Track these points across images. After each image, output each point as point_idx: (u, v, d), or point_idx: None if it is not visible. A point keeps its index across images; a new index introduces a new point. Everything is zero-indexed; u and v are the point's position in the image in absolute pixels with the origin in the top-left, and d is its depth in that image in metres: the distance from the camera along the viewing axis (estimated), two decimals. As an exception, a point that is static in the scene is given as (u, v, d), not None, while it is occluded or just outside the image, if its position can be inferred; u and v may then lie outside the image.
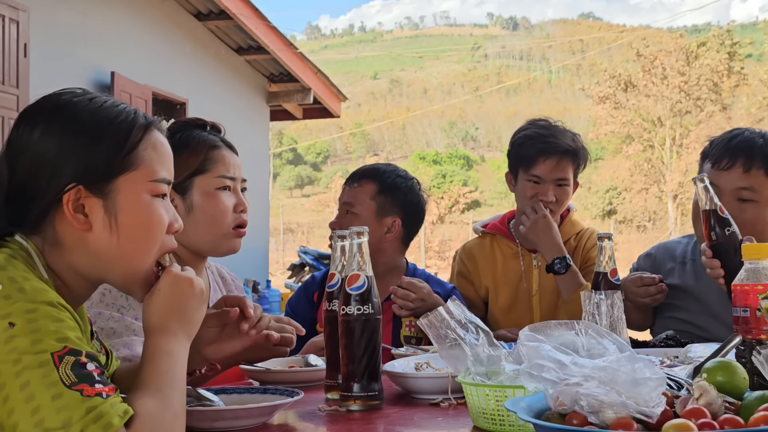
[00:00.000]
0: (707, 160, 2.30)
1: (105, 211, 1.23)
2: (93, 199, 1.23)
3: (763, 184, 2.21)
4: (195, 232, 1.95)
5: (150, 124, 1.31)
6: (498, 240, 2.74)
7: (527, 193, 2.60)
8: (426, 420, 1.48)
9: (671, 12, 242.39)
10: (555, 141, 2.56)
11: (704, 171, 2.27)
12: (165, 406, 1.15)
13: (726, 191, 2.20)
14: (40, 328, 1.08)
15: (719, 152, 2.25)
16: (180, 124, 2.03)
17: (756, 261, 1.38)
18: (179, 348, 1.26)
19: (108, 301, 1.80)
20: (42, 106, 1.28)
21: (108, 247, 1.24)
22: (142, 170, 1.27)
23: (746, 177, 2.21)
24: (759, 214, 2.21)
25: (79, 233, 1.23)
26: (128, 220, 1.25)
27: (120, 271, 1.27)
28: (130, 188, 1.25)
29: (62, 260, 1.25)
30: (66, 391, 1.05)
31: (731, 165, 2.22)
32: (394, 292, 2.32)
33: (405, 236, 2.52)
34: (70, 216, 1.22)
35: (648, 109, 30.02)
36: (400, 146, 67.79)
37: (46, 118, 1.25)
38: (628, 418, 1.00)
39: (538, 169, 2.56)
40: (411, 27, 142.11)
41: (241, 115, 10.68)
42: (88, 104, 1.27)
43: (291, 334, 1.68)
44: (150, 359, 1.23)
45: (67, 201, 1.22)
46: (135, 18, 8.45)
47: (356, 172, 2.57)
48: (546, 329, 1.27)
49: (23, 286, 1.12)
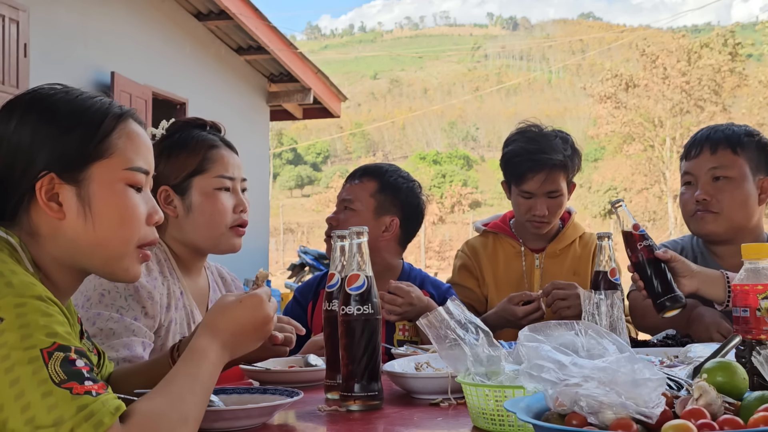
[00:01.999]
0: (682, 159, 2.48)
1: (78, 198, 1.24)
2: (66, 186, 1.24)
3: (732, 161, 2.35)
4: (194, 232, 1.95)
5: (124, 114, 1.32)
6: (500, 239, 2.74)
7: (521, 208, 2.61)
8: (426, 420, 1.48)
9: (673, 12, 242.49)
10: (542, 157, 2.55)
11: (681, 169, 2.46)
12: (173, 407, 1.14)
13: (701, 176, 2.37)
14: (30, 322, 1.08)
15: (688, 145, 2.45)
16: (179, 123, 2.04)
17: (756, 261, 1.38)
18: (217, 358, 1.27)
19: (107, 301, 1.80)
20: (20, 98, 1.30)
21: (84, 234, 1.25)
22: (115, 158, 1.27)
23: (714, 158, 2.36)
24: (735, 187, 2.35)
25: (54, 222, 1.24)
26: (102, 208, 1.25)
27: (99, 258, 1.28)
28: (104, 176, 1.26)
29: (42, 251, 1.25)
30: (55, 389, 1.04)
31: (699, 151, 2.39)
32: (381, 297, 2.31)
33: (402, 237, 2.51)
34: (44, 204, 1.23)
35: (648, 109, 30.01)
36: (400, 146, 67.80)
37: (23, 110, 1.27)
38: (628, 418, 1.00)
39: (527, 185, 2.56)
40: (411, 27, 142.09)
41: (241, 115, 10.68)
42: (64, 96, 1.29)
43: (291, 333, 1.68)
44: (184, 359, 1.24)
45: (40, 188, 1.23)
46: (135, 18, 8.45)
47: (358, 169, 2.56)
48: (546, 329, 1.26)
49: (11, 280, 1.11)
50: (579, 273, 2.66)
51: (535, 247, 2.71)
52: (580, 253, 2.70)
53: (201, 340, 1.27)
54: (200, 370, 1.23)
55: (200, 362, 1.24)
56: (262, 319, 1.33)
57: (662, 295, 1.98)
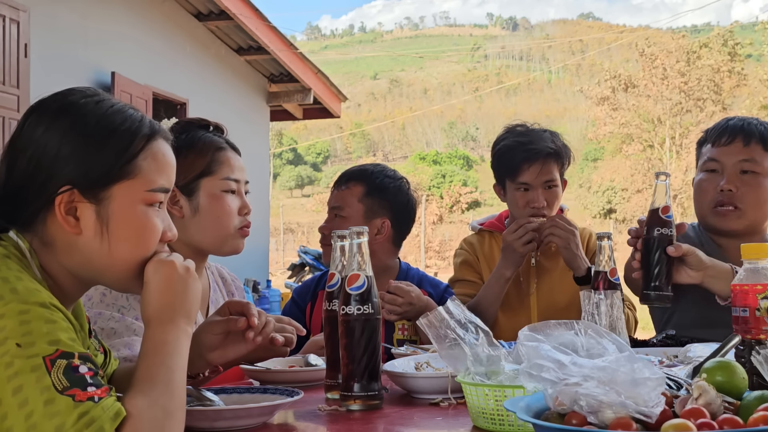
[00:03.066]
0: (706, 144, 2.42)
1: (97, 216, 1.23)
2: (86, 203, 1.22)
3: (762, 156, 2.34)
4: (199, 233, 1.95)
5: (154, 134, 1.29)
6: (496, 237, 2.74)
7: (519, 202, 2.60)
8: (426, 420, 1.48)
9: (673, 12, 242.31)
10: (536, 146, 2.56)
11: (704, 154, 2.41)
12: (155, 404, 1.13)
13: (728, 165, 2.33)
14: (33, 330, 1.08)
15: (719, 131, 2.39)
16: (183, 124, 2.03)
17: (755, 261, 1.38)
18: (179, 334, 1.24)
19: (108, 301, 1.81)
20: (49, 105, 1.27)
21: (99, 253, 1.24)
22: (139, 180, 1.25)
23: (746, 150, 2.33)
24: (760, 183, 2.33)
25: (70, 236, 1.23)
26: (120, 229, 1.24)
27: (111, 276, 1.27)
28: (125, 197, 1.24)
29: (54, 260, 1.25)
30: (58, 397, 1.05)
31: (731, 140, 2.35)
32: (381, 297, 2.31)
33: (396, 237, 2.51)
34: (62, 218, 1.22)
35: (648, 109, 30.00)
36: (400, 146, 67.77)
37: (52, 117, 1.24)
38: (628, 418, 1.01)
39: (524, 177, 2.56)
40: (411, 27, 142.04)
41: (241, 116, 10.68)
42: (94, 107, 1.26)
43: (291, 334, 1.68)
44: (146, 354, 1.21)
45: (60, 203, 1.21)
46: (135, 18, 8.45)
47: (344, 174, 2.55)
48: (545, 329, 1.27)
49: (16, 287, 1.11)
50: None
51: None
52: None
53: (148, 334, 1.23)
54: (169, 357, 1.20)
55: (163, 350, 1.21)
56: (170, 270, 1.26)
57: (654, 287, 1.98)
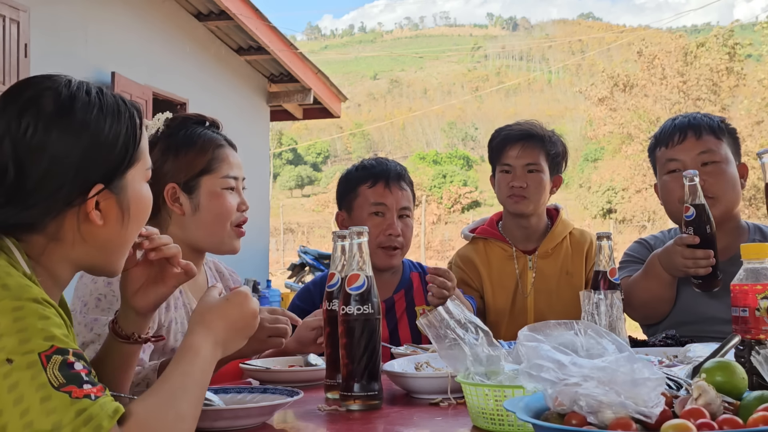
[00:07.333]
0: (659, 148, 2.45)
1: (118, 205, 1.27)
2: (109, 196, 1.26)
3: (716, 145, 2.37)
4: (198, 231, 1.95)
5: (139, 113, 1.33)
6: (491, 244, 2.75)
7: (501, 185, 2.67)
8: (426, 420, 1.48)
9: (676, 11, 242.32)
10: (519, 128, 2.67)
11: (661, 158, 2.43)
12: (168, 406, 1.14)
13: (688, 161, 2.36)
14: (27, 326, 1.07)
15: (669, 133, 2.42)
16: (179, 119, 2.02)
17: (755, 261, 1.38)
18: (210, 354, 1.26)
19: (104, 306, 1.79)
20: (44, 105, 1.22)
21: (117, 238, 1.29)
22: (141, 161, 1.31)
23: (701, 143, 2.36)
24: (723, 170, 2.35)
25: (89, 227, 1.24)
26: (135, 210, 1.30)
27: (117, 256, 1.32)
28: (135, 180, 1.30)
29: (58, 253, 1.24)
30: (54, 393, 1.04)
31: (683, 138, 2.38)
32: (431, 281, 2.24)
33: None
34: (93, 215, 1.23)
35: (647, 109, 29.99)
36: (400, 146, 67.73)
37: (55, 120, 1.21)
38: (627, 418, 1.01)
39: (506, 158, 2.64)
40: (411, 27, 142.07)
41: (241, 116, 10.68)
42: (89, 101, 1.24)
43: (285, 325, 1.69)
44: (176, 359, 1.24)
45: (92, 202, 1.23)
46: (135, 18, 8.45)
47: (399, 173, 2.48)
48: (545, 329, 1.27)
49: (6, 283, 1.11)
50: (571, 272, 2.67)
51: (526, 248, 2.72)
52: (571, 252, 2.71)
53: (194, 338, 1.27)
54: (194, 368, 1.22)
55: (193, 359, 1.23)
56: (250, 314, 1.35)
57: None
